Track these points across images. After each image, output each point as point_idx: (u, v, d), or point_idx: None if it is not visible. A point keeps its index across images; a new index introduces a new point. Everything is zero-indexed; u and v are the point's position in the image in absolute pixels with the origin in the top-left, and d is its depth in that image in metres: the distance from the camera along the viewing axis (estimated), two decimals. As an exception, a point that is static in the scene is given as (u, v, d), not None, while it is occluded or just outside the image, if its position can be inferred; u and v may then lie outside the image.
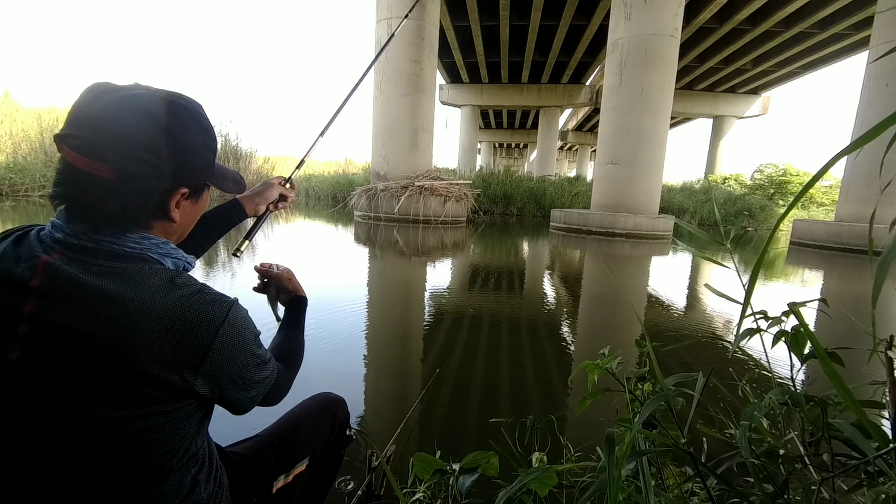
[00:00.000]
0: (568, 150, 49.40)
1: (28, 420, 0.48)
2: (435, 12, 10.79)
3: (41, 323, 0.46)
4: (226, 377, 0.53)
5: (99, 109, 0.48)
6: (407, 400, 1.80)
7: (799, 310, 0.48)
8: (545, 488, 0.56)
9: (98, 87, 0.50)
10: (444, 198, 10.45)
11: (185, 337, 0.49)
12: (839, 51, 16.78)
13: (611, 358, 0.65)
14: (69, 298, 0.47)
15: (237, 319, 0.53)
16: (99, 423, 0.47)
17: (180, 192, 0.55)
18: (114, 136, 0.48)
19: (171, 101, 0.52)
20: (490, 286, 4.19)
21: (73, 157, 0.48)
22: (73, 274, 0.48)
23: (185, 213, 0.58)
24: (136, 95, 0.50)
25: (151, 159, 0.50)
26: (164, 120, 0.50)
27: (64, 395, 0.46)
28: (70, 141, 0.48)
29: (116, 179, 0.49)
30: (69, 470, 0.49)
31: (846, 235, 8.15)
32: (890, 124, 0.29)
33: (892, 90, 7.47)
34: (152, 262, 0.53)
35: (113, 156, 0.48)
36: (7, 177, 11.90)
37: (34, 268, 0.48)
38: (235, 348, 0.53)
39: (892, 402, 0.43)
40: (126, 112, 0.49)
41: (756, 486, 0.50)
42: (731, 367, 2.30)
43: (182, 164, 0.53)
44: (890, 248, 0.31)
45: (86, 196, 0.50)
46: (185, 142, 0.53)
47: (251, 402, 0.60)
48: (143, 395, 0.48)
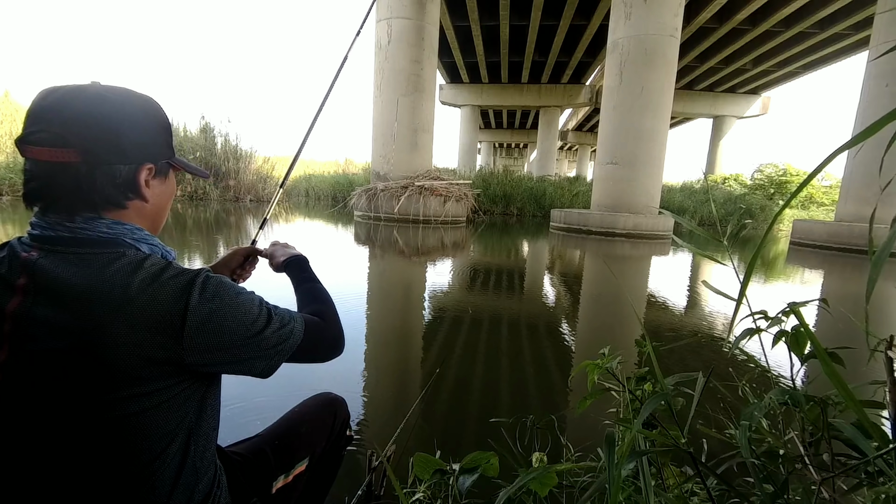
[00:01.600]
0: (568, 150, 49.39)
1: (22, 417, 0.48)
2: (435, 12, 10.79)
3: (24, 319, 0.47)
4: (214, 345, 0.51)
5: (51, 102, 0.50)
6: (407, 400, 1.80)
7: (799, 310, 0.48)
8: (545, 488, 0.56)
9: (48, 88, 0.52)
10: (444, 198, 10.45)
11: (157, 314, 0.48)
12: (839, 51, 16.78)
13: (611, 358, 0.65)
14: (48, 291, 0.48)
15: (210, 283, 0.52)
16: (93, 409, 0.48)
17: (146, 167, 0.56)
18: (72, 121, 0.50)
19: (120, 88, 0.55)
20: (490, 286, 4.19)
21: (37, 152, 0.50)
22: (49, 268, 0.49)
23: (155, 193, 0.59)
24: (85, 86, 0.52)
25: (111, 137, 0.51)
26: (115, 101, 0.52)
27: (55, 385, 0.47)
28: (29, 138, 0.50)
29: (82, 161, 0.50)
30: (64, 464, 0.49)
31: (846, 235, 8.15)
32: (889, 120, 0.29)
33: (892, 90, 7.46)
34: (126, 247, 0.53)
35: (74, 139, 0.49)
36: (7, 177, 11.90)
37: (16, 268, 0.49)
38: (215, 312, 0.51)
39: (892, 402, 0.43)
40: (78, 99, 0.50)
41: (756, 486, 0.50)
42: (731, 368, 2.30)
43: (141, 140, 0.55)
44: (884, 245, 0.31)
45: (57, 185, 0.51)
46: (140, 120, 0.55)
47: (267, 361, 0.56)
48: (132, 376, 0.48)
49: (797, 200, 17.82)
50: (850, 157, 8.18)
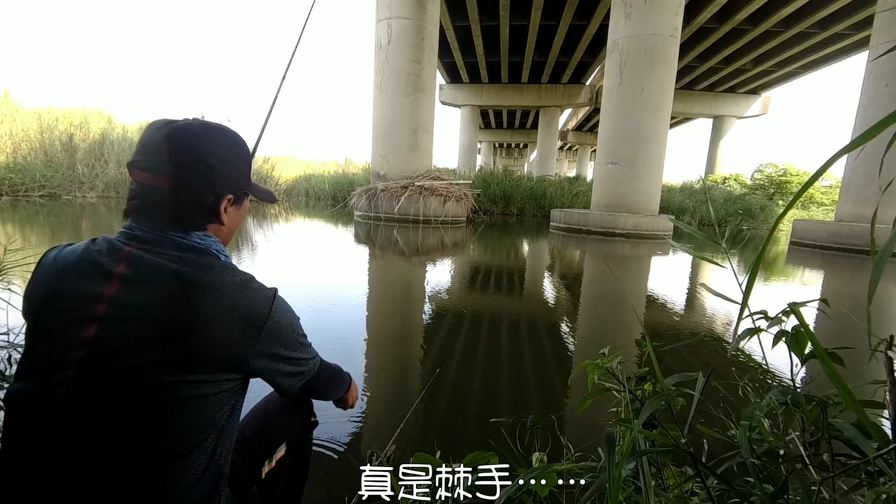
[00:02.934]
0: (568, 150, 49.38)
1: (90, 392, 0.54)
2: (435, 12, 10.79)
3: (119, 303, 0.55)
4: (275, 352, 0.63)
5: (159, 138, 0.60)
6: (407, 400, 1.80)
7: (799, 310, 0.48)
8: (545, 488, 0.56)
9: (158, 121, 0.63)
10: (444, 198, 10.45)
11: (248, 312, 0.60)
12: (839, 51, 16.77)
13: (611, 358, 0.65)
14: (147, 280, 0.57)
15: (282, 302, 0.66)
16: (158, 387, 0.54)
17: (227, 197, 0.66)
18: (172, 155, 0.60)
19: (214, 126, 0.65)
20: (490, 286, 4.19)
21: (141, 176, 0.61)
22: (152, 260, 0.58)
23: (230, 218, 0.69)
24: (188, 124, 0.63)
25: (203, 171, 0.62)
26: (209, 140, 0.63)
27: (131, 363, 0.54)
28: (138, 164, 0.61)
29: (175, 188, 0.61)
30: (111, 441, 0.54)
31: (846, 235, 8.15)
32: (889, 123, 0.29)
33: (892, 90, 7.46)
34: (212, 256, 0.64)
35: (171, 171, 0.60)
36: (7, 177, 11.90)
37: (118, 257, 0.58)
38: (283, 324, 0.64)
39: (892, 402, 0.43)
40: (180, 137, 0.61)
41: (756, 486, 0.50)
42: (732, 367, 2.30)
43: (226, 175, 0.65)
44: (886, 245, 0.31)
45: (154, 205, 0.61)
46: (227, 157, 0.66)
47: (295, 379, 0.69)
48: (205, 362, 0.56)
49: (797, 200, 17.75)
50: (850, 158, 8.17)
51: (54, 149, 13.67)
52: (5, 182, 11.84)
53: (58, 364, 0.54)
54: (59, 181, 12.85)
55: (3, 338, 1.44)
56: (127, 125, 15.89)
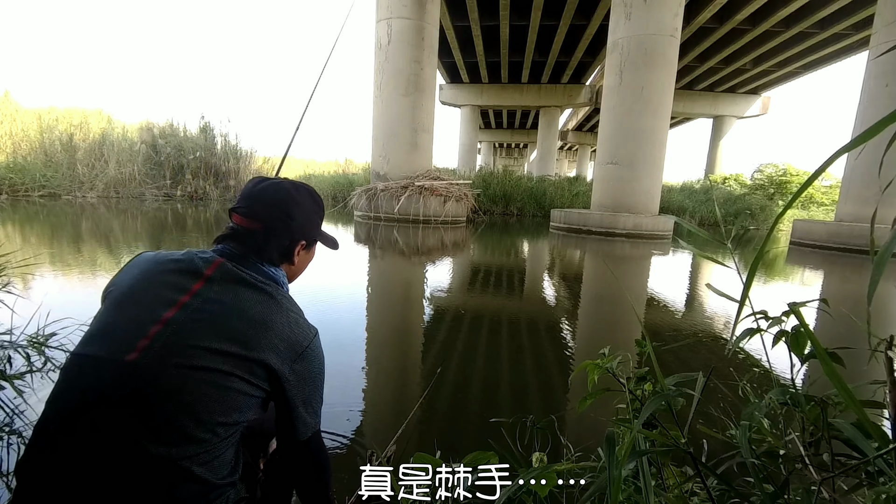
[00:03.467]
0: (568, 150, 49.36)
1: (158, 358, 0.61)
2: (435, 12, 10.79)
3: (199, 297, 0.66)
4: (305, 382, 0.71)
5: (258, 190, 0.77)
6: (407, 400, 1.80)
7: (799, 310, 0.48)
8: (545, 488, 0.56)
9: (259, 177, 0.80)
10: (444, 198, 10.44)
11: (299, 334, 0.70)
12: (839, 51, 16.77)
13: (611, 358, 0.65)
14: (228, 285, 0.69)
15: (319, 342, 0.76)
16: (211, 373, 0.62)
17: (301, 243, 0.81)
18: (264, 205, 0.76)
19: (299, 185, 0.81)
20: (490, 286, 4.19)
21: (239, 220, 0.77)
22: (235, 273, 0.70)
23: (300, 260, 0.83)
24: (280, 182, 0.79)
25: (286, 220, 0.77)
26: (295, 196, 0.79)
27: (195, 347, 0.62)
28: (239, 211, 0.77)
29: (264, 232, 0.76)
30: (172, 407, 0.60)
31: (846, 235, 8.15)
32: (889, 122, 0.29)
33: (892, 90, 7.46)
34: (279, 286, 0.76)
35: (262, 217, 0.76)
36: (7, 177, 11.90)
37: (210, 264, 0.70)
38: (317, 359, 0.74)
39: (892, 402, 0.43)
40: (273, 191, 0.77)
41: (756, 486, 0.50)
42: (731, 367, 2.30)
43: (303, 225, 0.80)
44: (886, 245, 0.31)
45: (244, 240, 0.76)
46: (306, 210, 0.80)
47: (306, 428, 0.72)
48: (251, 363, 0.64)
49: (797, 200, 17.79)
50: (850, 158, 8.17)
51: (54, 149, 13.67)
52: (5, 182, 11.85)
53: (133, 335, 0.62)
54: (59, 181, 12.85)
55: (4, 337, 1.44)
56: (127, 125, 15.90)
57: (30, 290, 2.89)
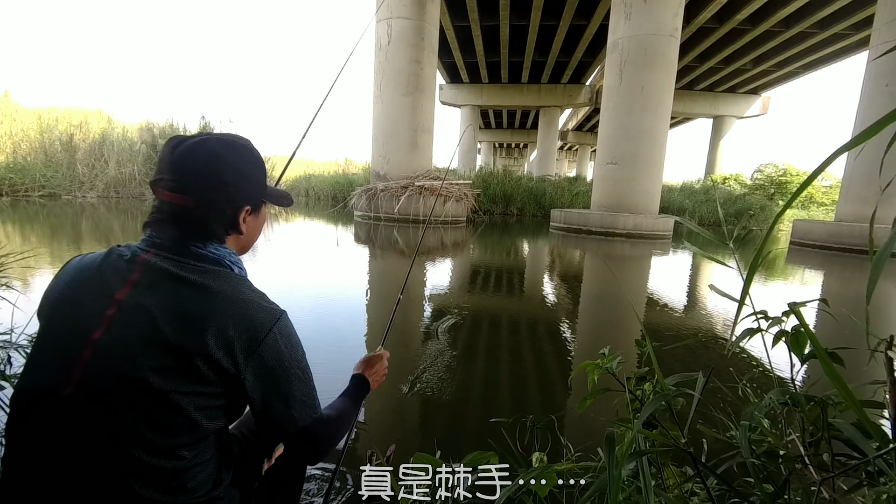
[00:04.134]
0: (568, 150, 49.35)
1: (95, 392, 0.55)
2: (435, 12, 10.79)
3: (128, 306, 0.57)
4: (270, 375, 0.62)
5: (178, 156, 0.63)
6: (407, 400, 1.80)
7: (799, 310, 0.48)
8: (545, 488, 0.56)
9: (175, 139, 0.65)
10: (444, 198, 10.44)
11: (250, 324, 0.60)
12: (839, 51, 16.76)
13: (611, 358, 0.65)
14: (157, 287, 0.59)
15: (288, 322, 0.66)
16: (158, 393, 0.55)
17: (245, 209, 0.69)
18: (192, 174, 0.63)
19: (228, 140, 0.67)
20: (490, 286, 4.19)
21: (164, 195, 0.64)
22: (164, 268, 0.60)
23: (249, 227, 0.72)
24: (203, 140, 0.64)
25: (221, 188, 0.65)
26: (226, 156, 0.65)
27: (133, 366, 0.55)
28: (160, 183, 0.63)
29: (198, 206, 0.64)
30: (116, 441, 0.55)
31: (846, 235, 8.15)
32: (889, 121, 0.29)
33: (892, 90, 7.46)
34: (225, 267, 0.66)
35: (193, 189, 0.63)
36: (7, 177, 11.90)
37: (134, 264, 0.60)
38: (285, 345, 0.64)
39: (892, 402, 0.43)
40: (198, 155, 0.63)
41: (756, 486, 0.50)
42: (732, 367, 2.30)
43: (243, 188, 0.68)
44: (885, 245, 0.31)
45: (177, 220, 0.64)
46: (243, 170, 0.68)
47: (289, 421, 0.64)
48: (200, 371, 0.57)
49: (797, 200, 17.81)
50: (850, 158, 8.17)
51: (54, 149, 13.68)
52: (5, 182, 11.85)
53: (66, 363, 0.56)
54: (59, 181, 12.85)
55: (4, 337, 1.44)
56: (127, 125, 15.90)
57: (30, 290, 2.89)
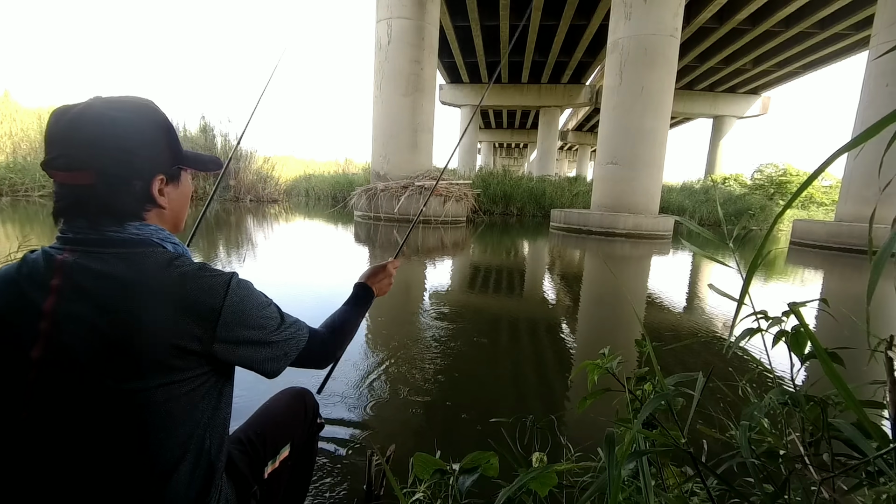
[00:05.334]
0: (568, 150, 49.36)
1: (53, 412, 0.51)
2: (435, 12, 10.79)
3: (60, 316, 0.51)
4: (242, 338, 0.58)
5: (64, 127, 0.54)
6: (407, 400, 1.80)
7: (799, 310, 0.48)
8: (545, 488, 0.56)
9: (59, 110, 0.56)
10: (444, 198, 10.45)
11: (195, 305, 0.55)
12: (839, 51, 16.77)
13: (611, 358, 0.65)
14: (84, 288, 0.52)
15: (241, 285, 0.60)
16: (123, 397, 0.52)
17: (157, 178, 0.60)
18: (84, 145, 0.54)
19: (124, 102, 0.58)
20: (490, 286, 4.19)
21: (60, 176, 0.55)
22: (85, 265, 0.53)
23: (171, 199, 0.64)
24: (90, 106, 0.55)
25: (122, 156, 0.56)
26: (122, 120, 0.56)
27: (87, 376, 0.51)
28: (52, 163, 0.54)
29: (98, 181, 0.55)
30: (89, 457, 0.52)
31: (846, 235, 8.15)
32: (889, 122, 0.29)
33: (892, 90, 7.46)
34: (154, 246, 0.58)
35: (91, 162, 0.54)
36: (7, 177, 11.89)
37: (52, 269, 0.53)
38: (245, 309, 0.59)
39: (892, 402, 0.43)
40: (88, 122, 0.54)
41: (756, 486, 0.50)
42: (731, 367, 2.30)
43: (150, 154, 0.59)
44: (885, 246, 0.31)
45: (82, 203, 0.56)
46: (147, 134, 0.58)
47: (278, 362, 0.63)
48: (163, 365, 0.53)
49: (797, 200, 17.82)
50: (850, 158, 8.17)
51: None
52: (5, 182, 11.84)
53: (13, 388, 0.51)
54: (59, 181, 12.84)
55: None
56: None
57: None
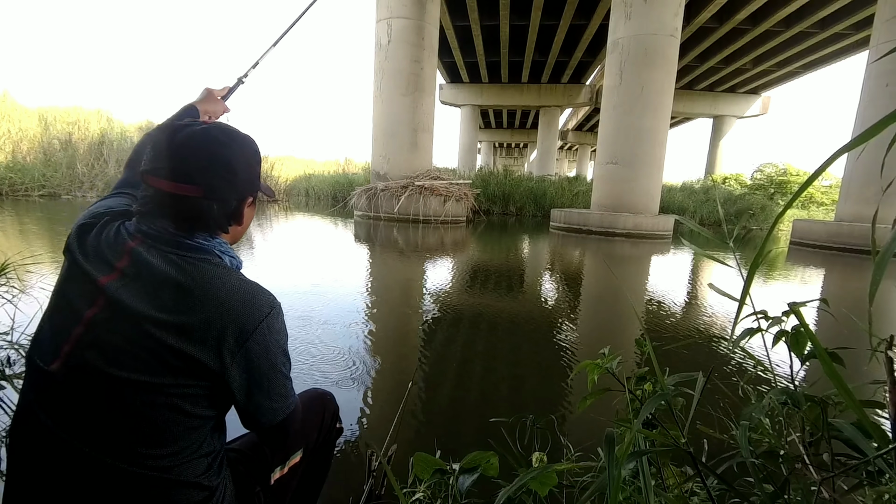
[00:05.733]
0: (568, 150, 49.35)
1: (83, 381, 0.55)
2: (435, 12, 10.78)
3: (114, 294, 0.56)
4: (256, 370, 0.60)
5: (178, 143, 0.61)
6: (407, 399, 1.80)
7: (799, 310, 0.48)
8: (545, 488, 0.56)
9: (173, 126, 0.63)
10: (444, 197, 10.44)
11: (238, 319, 0.58)
12: (839, 51, 16.77)
13: (611, 358, 0.65)
14: (142, 279, 0.57)
15: (279, 316, 0.64)
16: (145, 386, 0.55)
17: (248, 199, 0.69)
18: (198, 163, 0.61)
19: (235, 132, 0.66)
20: (490, 286, 4.19)
21: (165, 185, 0.60)
22: (149, 259, 0.58)
23: (247, 217, 0.71)
24: (207, 129, 0.63)
25: (229, 178, 0.63)
26: (233, 146, 0.64)
27: (119, 360, 0.55)
28: (158, 172, 0.60)
29: (204, 196, 0.61)
30: (105, 430, 0.55)
31: (846, 235, 8.15)
32: (889, 122, 0.29)
33: (892, 90, 7.46)
34: (214, 257, 0.64)
35: (200, 178, 0.61)
36: (7, 176, 11.89)
37: (121, 251, 0.59)
38: (272, 342, 0.62)
39: (892, 402, 0.42)
40: (203, 143, 0.61)
41: (756, 486, 0.50)
42: (731, 368, 2.30)
43: (247, 178, 0.67)
44: (887, 246, 0.31)
45: (175, 210, 0.61)
46: (247, 160, 0.67)
47: (272, 414, 0.64)
48: (187, 365, 0.56)
49: (797, 200, 17.79)
50: (851, 158, 8.17)
51: (53, 148, 13.68)
52: (5, 182, 11.83)
53: (60, 336, 0.56)
54: (59, 181, 12.84)
55: (5, 337, 1.43)
56: (126, 125, 15.90)
57: (31, 289, 2.89)
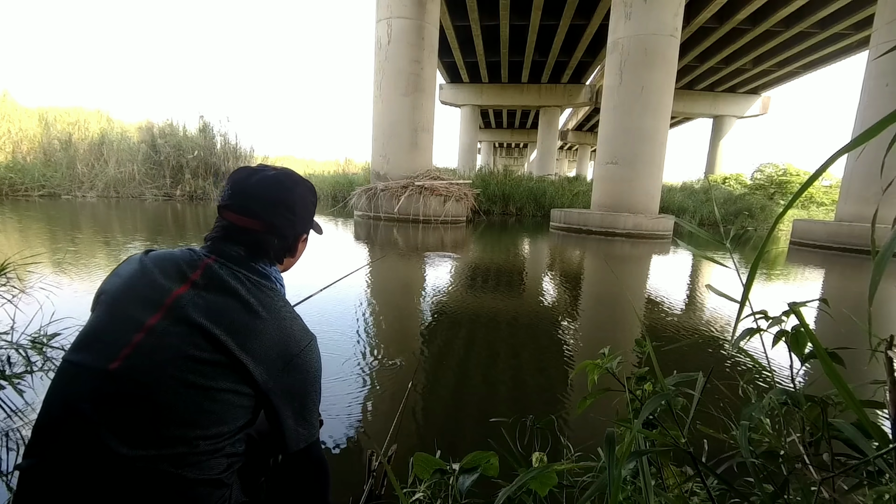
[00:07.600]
0: (568, 150, 49.35)
1: (141, 374, 0.60)
2: (435, 12, 10.78)
3: (184, 302, 0.63)
4: (293, 393, 0.67)
5: (253, 185, 0.72)
6: (407, 400, 1.80)
7: (799, 310, 0.48)
8: (545, 488, 0.56)
9: (248, 169, 0.75)
10: (443, 197, 10.44)
11: (287, 343, 0.67)
12: (839, 51, 16.76)
13: (611, 358, 0.65)
14: (215, 289, 0.66)
15: (317, 346, 0.73)
16: (196, 386, 0.60)
17: (303, 236, 0.81)
18: (265, 203, 0.72)
19: (291, 175, 0.77)
20: (490, 285, 4.19)
21: (236, 218, 0.72)
22: (222, 275, 0.67)
23: (300, 251, 0.83)
24: (275, 175, 0.74)
25: (290, 217, 0.75)
26: (296, 190, 0.76)
27: (178, 356, 0.60)
28: (231, 206, 0.72)
29: (266, 231, 0.72)
30: (153, 423, 0.59)
31: (846, 235, 8.15)
32: (889, 122, 0.29)
33: (892, 90, 7.46)
34: (271, 282, 0.74)
35: (263, 215, 0.72)
36: (7, 176, 11.89)
37: (197, 266, 0.68)
38: (310, 368, 0.70)
39: (892, 402, 0.42)
40: (273, 187, 0.73)
41: (756, 486, 0.50)
42: (731, 368, 2.30)
43: (305, 217, 0.79)
44: (887, 246, 0.31)
45: (244, 240, 0.72)
46: (305, 202, 0.78)
47: (298, 438, 0.69)
48: (237, 372, 0.63)
49: (797, 200, 17.74)
50: (851, 158, 8.17)
51: (53, 148, 13.67)
52: (5, 182, 11.83)
53: (120, 341, 0.61)
54: (59, 181, 12.84)
55: (5, 337, 1.44)
56: (126, 124, 15.89)
57: (31, 289, 2.89)
